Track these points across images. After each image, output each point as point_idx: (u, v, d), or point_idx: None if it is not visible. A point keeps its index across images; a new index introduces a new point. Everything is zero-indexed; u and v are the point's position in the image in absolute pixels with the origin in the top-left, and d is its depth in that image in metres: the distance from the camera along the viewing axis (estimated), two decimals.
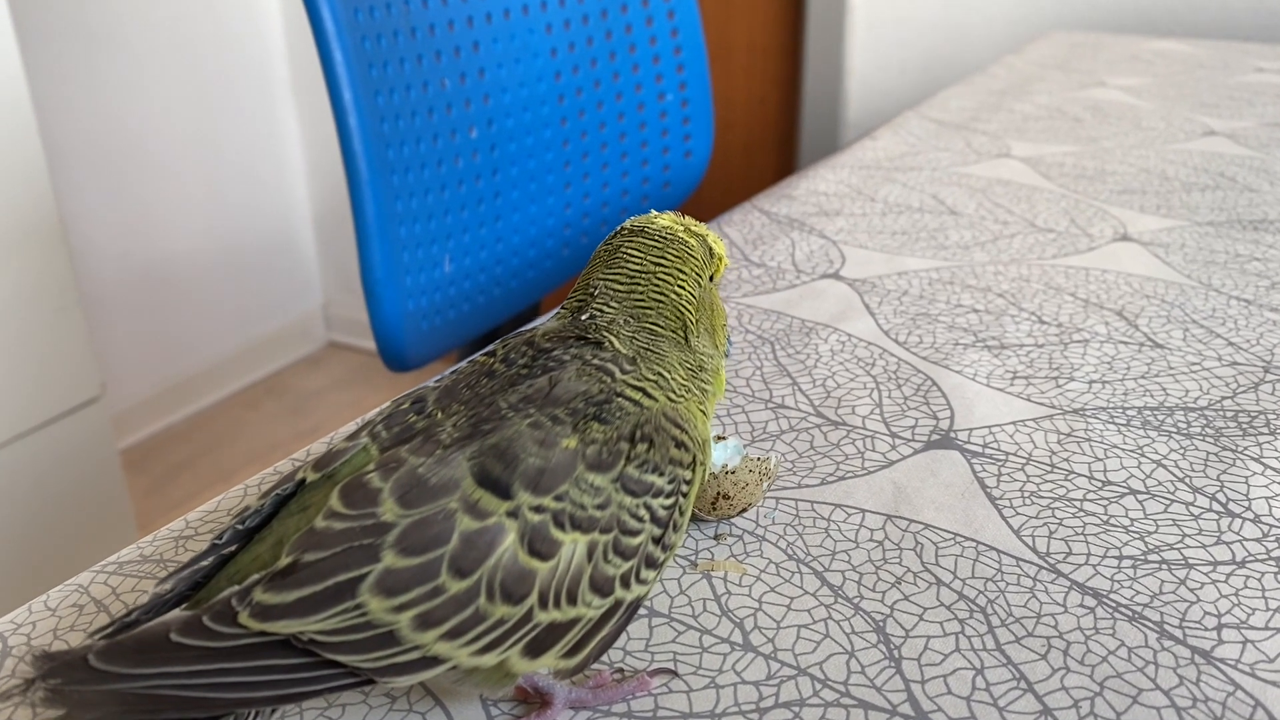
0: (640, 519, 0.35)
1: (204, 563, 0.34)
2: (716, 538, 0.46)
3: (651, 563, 0.35)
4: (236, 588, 0.31)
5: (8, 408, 1.20)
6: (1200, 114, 1.08)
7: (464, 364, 0.39)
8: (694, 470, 0.37)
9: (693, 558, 0.45)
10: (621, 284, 0.41)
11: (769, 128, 2.26)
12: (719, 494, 0.45)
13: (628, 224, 0.43)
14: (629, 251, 0.42)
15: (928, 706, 0.37)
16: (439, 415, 0.36)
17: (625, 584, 0.35)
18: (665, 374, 0.39)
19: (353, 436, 0.36)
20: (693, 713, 0.37)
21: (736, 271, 0.73)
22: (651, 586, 0.36)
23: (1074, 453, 0.52)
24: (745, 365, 0.60)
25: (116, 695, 0.29)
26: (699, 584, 0.43)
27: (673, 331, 0.40)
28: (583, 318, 0.40)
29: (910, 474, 0.50)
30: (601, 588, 0.34)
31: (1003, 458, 0.51)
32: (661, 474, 0.35)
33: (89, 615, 0.41)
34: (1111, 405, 0.56)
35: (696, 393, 0.39)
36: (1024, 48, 1.40)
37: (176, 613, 0.32)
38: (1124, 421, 0.54)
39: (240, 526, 0.34)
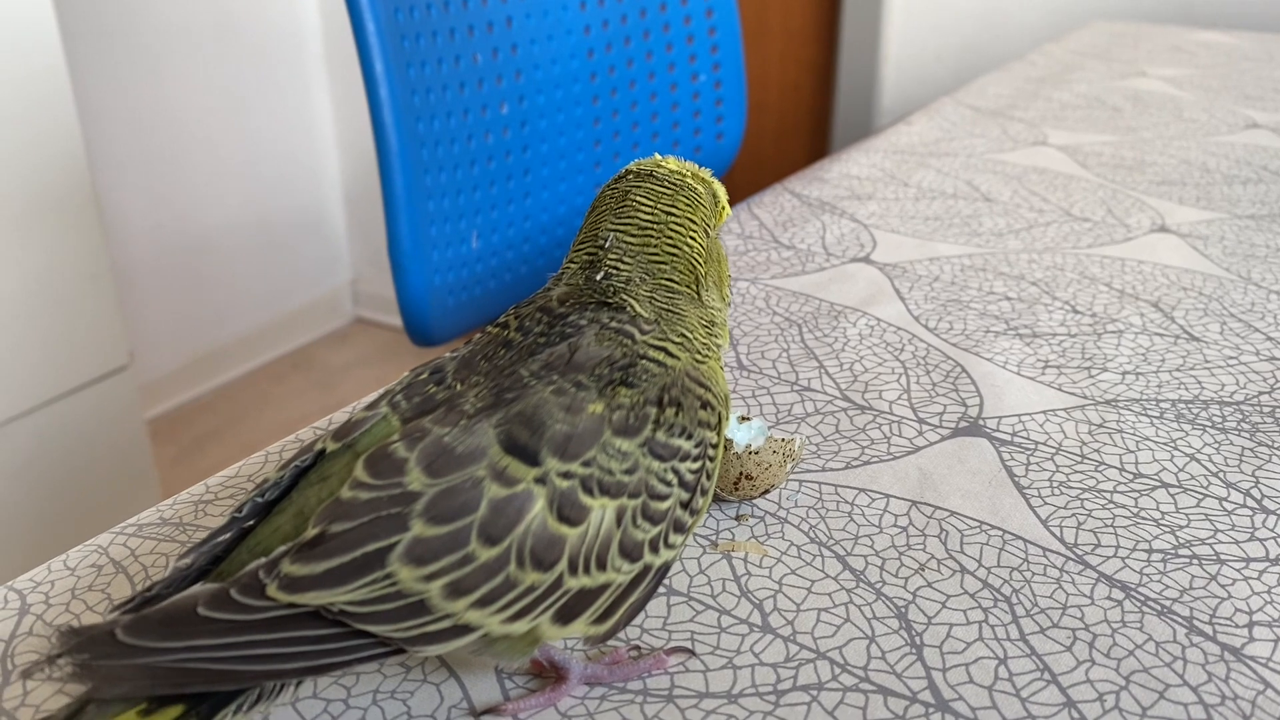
0: (668, 483, 0.34)
1: (224, 536, 0.34)
2: (738, 519, 0.45)
3: (679, 527, 0.35)
4: (263, 560, 0.31)
5: (37, 373, 1.21)
6: (1243, 106, 1.06)
7: (478, 335, 0.39)
8: (719, 431, 0.37)
9: (713, 538, 0.44)
10: (634, 236, 0.40)
11: (803, 113, 2.24)
12: (742, 474, 0.45)
13: (634, 166, 0.42)
14: (638, 199, 0.40)
15: (948, 695, 0.36)
16: (459, 386, 0.35)
17: (654, 549, 0.34)
18: (688, 335, 0.38)
19: (371, 406, 0.36)
20: (709, 692, 0.36)
21: (765, 253, 0.72)
22: (680, 551, 0.36)
23: (1105, 444, 0.51)
24: (772, 347, 0.60)
25: (145, 669, 0.29)
26: (718, 564, 0.43)
27: (687, 287, 0.40)
28: (597, 277, 0.39)
29: (937, 460, 0.49)
30: (631, 553, 0.34)
31: (1032, 447, 0.50)
32: (689, 437, 0.35)
33: (107, 576, 0.41)
34: (1145, 397, 0.55)
35: (715, 352, 0.39)
36: (1064, 36, 1.38)
37: (202, 586, 0.31)
38: (1157, 414, 0.53)
39: (260, 499, 0.34)
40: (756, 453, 0.44)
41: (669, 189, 0.41)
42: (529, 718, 0.35)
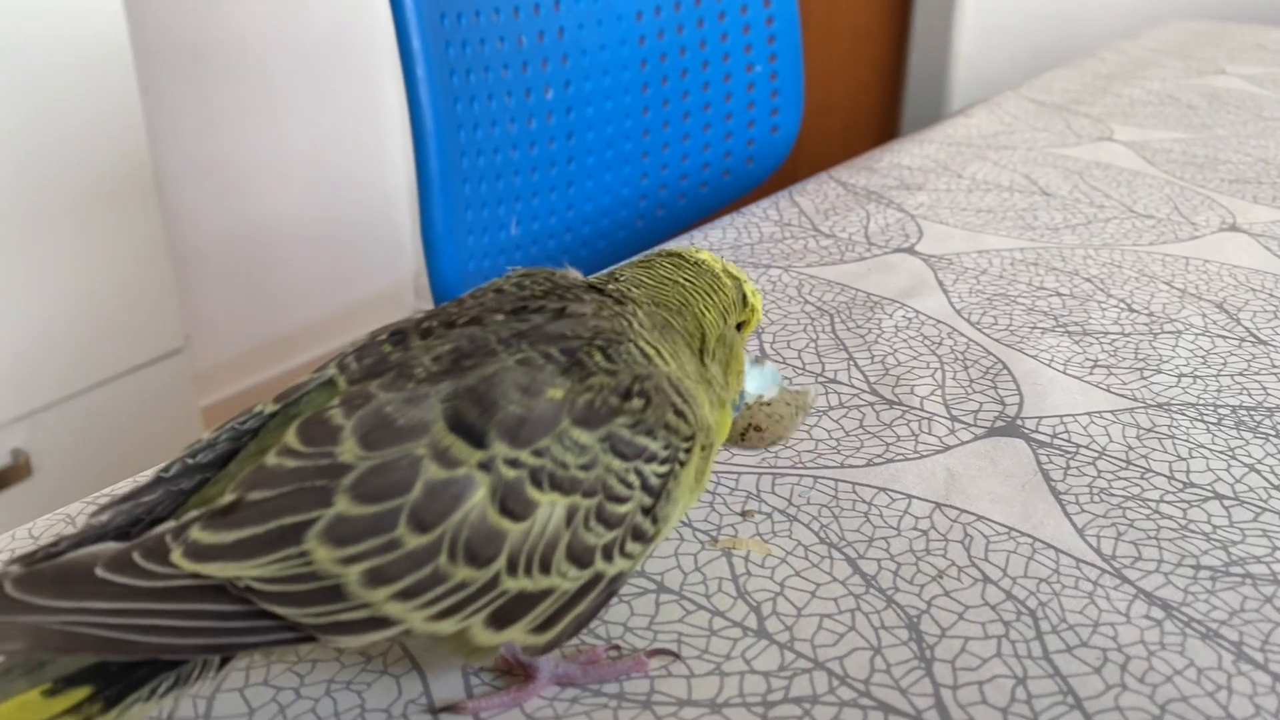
0: (629, 485, 0.31)
1: (149, 497, 0.31)
2: (743, 515, 0.42)
3: (639, 535, 0.31)
4: (173, 524, 0.28)
5: (93, 353, 1.22)
6: None
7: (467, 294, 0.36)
8: (693, 444, 0.33)
9: (714, 533, 0.41)
10: (649, 281, 0.37)
11: (869, 114, 2.19)
12: (750, 425, 0.41)
13: (663, 248, 0.40)
14: (661, 262, 0.38)
15: (957, 715, 0.33)
16: (418, 347, 0.32)
17: (608, 556, 0.31)
18: (679, 355, 0.35)
19: (322, 368, 0.33)
20: (691, 700, 0.33)
21: (803, 241, 0.69)
22: (639, 562, 0.32)
23: (1154, 450, 0.47)
24: (799, 337, 0.56)
25: (31, 629, 0.26)
26: (716, 561, 0.39)
27: (689, 336, 0.36)
28: (608, 286, 0.36)
29: (967, 461, 0.46)
30: (580, 558, 0.30)
31: (1073, 450, 0.46)
32: (656, 438, 0.31)
33: None
34: (1202, 402, 0.50)
35: (708, 397, 0.35)
36: (1140, 34, 1.32)
37: (108, 545, 0.28)
38: (1214, 420, 0.49)
39: (190, 460, 0.31)
40: (769, 404, 0.41)
41: (692, 266, 0.38)
42: (491, 718, 0.33)
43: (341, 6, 2.10)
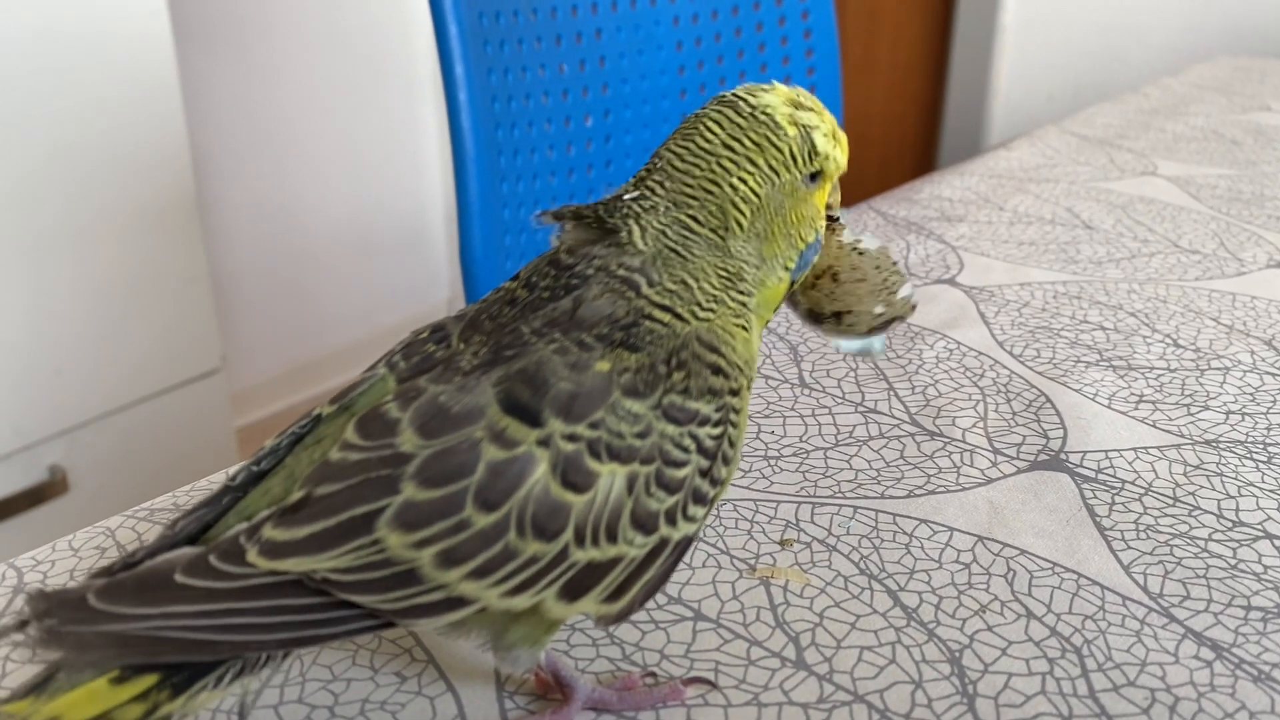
0: (685, 449, 0.31)
1: (216, 504, 0.31)
2: (782, 544, 0.42)
3: (700, 498, 0.31)
4: (245, 524, 0.29)
5: (132, 371, 1.23)
6: None
7: (490, 293, 0.35)
8: (738, 397, 0.32)
9: (752, 561, 0.40)
10: (680, 162, 0.35)
11: (906, 147, 2.19)
12: (828, 269, 0.37)
13: (732, 90, 0.36)
14: (708, 124, 0.35)
15: None
16: (460, 345, 0.32)
17: (671, 520, 0.31)
18: (689, 281, 0.33)
19: (371, 368, 0.33)
20: None
21: None
22: (702, 524, 0.32)
23: (1202, 487, 0.46)
24: (839, 366, 0.56)
25: (115, 637, 0.27)
26: (754, 591, 0.39)
27: (711, 230, 0.34)
28: (625, 197, 0.35)
29: (1010, 494, 0.45)
30: (644, 524, 0.30)
31: (1118, 485, 0.46)
32: (706, 402, 0.31)
33: (110, 559, 0.39)
34: (1251, 439, 0.49)
35: (731, 304, 0.34)
36: (1183, 70, 1.31)
37: (182, 551, 0.29)
38: (1264, 458, 0.48)
39: (255, 467, 0.32)
40: (862, 253, 0.37)
41: (742, 120, 0.35)
42: None
43: (381, 33, 2.13)
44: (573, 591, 0.30)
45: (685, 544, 0.32)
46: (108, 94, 1.12)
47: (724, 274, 0.34)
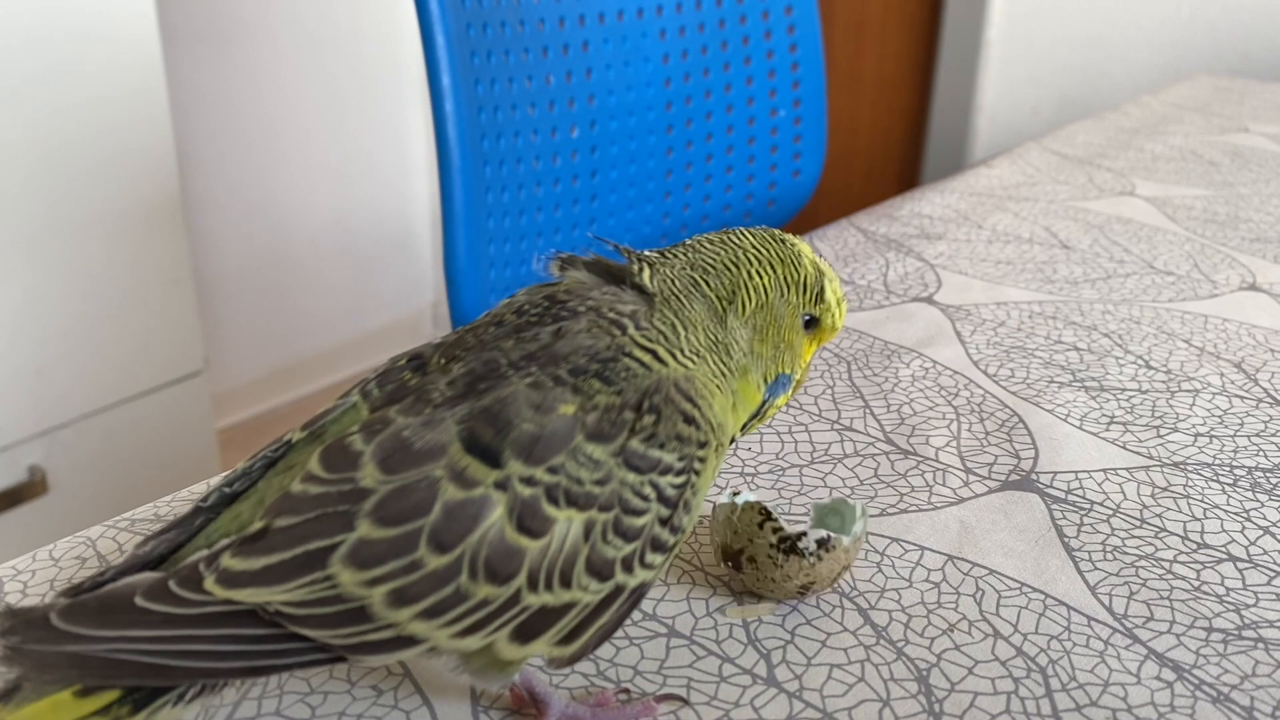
0: (645, 498, 0.31)
1: (189, 526, 0.32)
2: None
3: (659, 546, 0.32)
4: (206, 551, 0.29)
5: (113, 372, 1.23)
6: None
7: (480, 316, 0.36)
8: (706, 450, 0.33)
9: (727, 579, 0.41)
10: (708, 244, 0.36)
11: (891, 159, 2.20)
12: (809, 579, 0.39)
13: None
14: (742, 231, 0.37)
15: None
16: (436, 371, 0.33)
17: (627, 568, 0.31)
18: (678, 326, 0.34)
19: (345, 394, 0.34)
20: None
21: None
22: (660, 572, 0.33)
23: (1169, 509, 0.46)
24: (816, 384, 0.56)
25: (75, 658, 0.27)
26: (726, 608, 0.40)
27: (716, 297, 0.35)
28: (646, 251, 0.36)
29: (981, 514, 0.46)
30: (600, 571, 0.31)
31: (1087, 506, 0.46)
32: (669, 450, 0.32)
33: (91, 568, 0.40)
34: (1218, 462, 0.50)
35: (713, 367, 0.35)
36: (1164, 89, 1.33)
37: (146, 574, 0.29)
38: (1230, 480, 0.49)
39: (227, 489, 0.32)
40: (848, 549, 0.39)
41: (772, 240, 0.37)
42: None
43: (368, 36, 2.13)
44: (524, 635, 0.30)
45: (642, 590, 0.32)
46: (93, 95, 1.12)
47: (714, 338, 0.35)
